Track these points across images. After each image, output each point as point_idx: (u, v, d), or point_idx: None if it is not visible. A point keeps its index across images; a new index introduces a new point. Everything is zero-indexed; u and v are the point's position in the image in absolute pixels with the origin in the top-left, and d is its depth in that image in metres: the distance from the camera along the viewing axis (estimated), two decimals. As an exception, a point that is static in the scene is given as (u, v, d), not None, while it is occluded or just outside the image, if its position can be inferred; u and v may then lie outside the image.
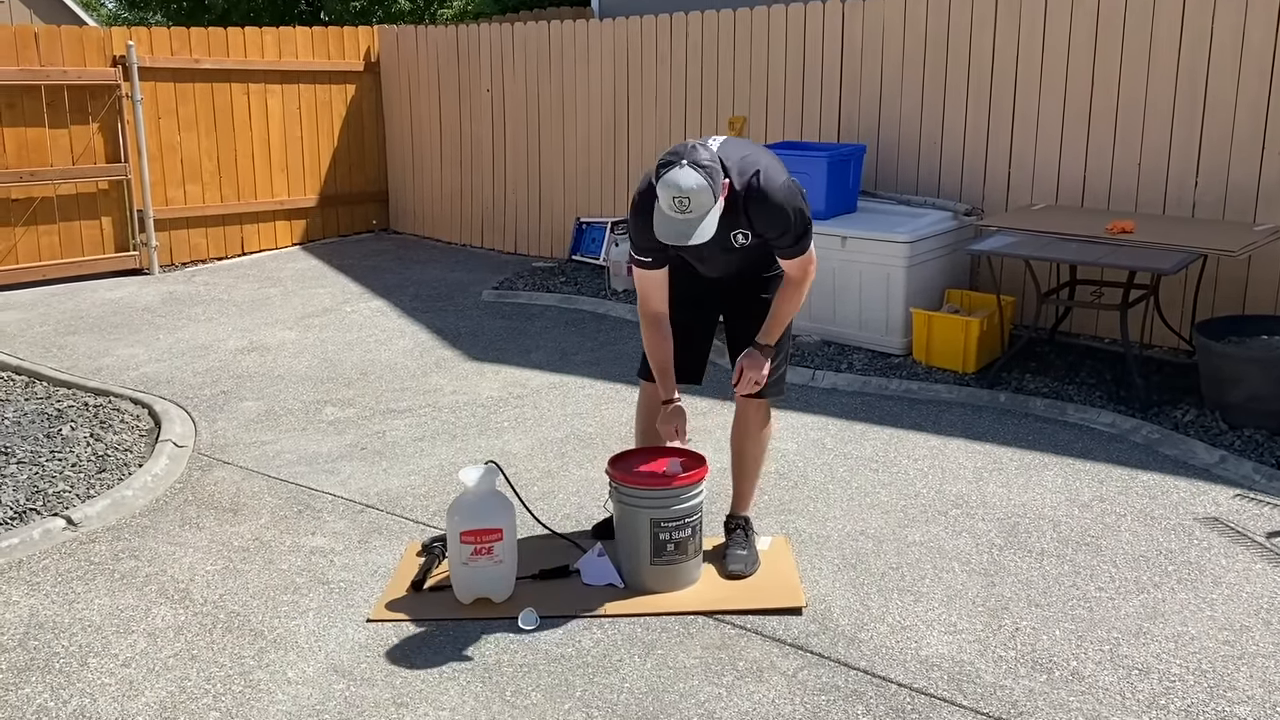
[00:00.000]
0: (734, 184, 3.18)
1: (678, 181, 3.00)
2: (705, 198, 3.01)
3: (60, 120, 7.91)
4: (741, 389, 3.45)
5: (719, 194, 3.07)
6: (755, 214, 3.23)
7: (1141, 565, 3.63)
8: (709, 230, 3.06)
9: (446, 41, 9.24)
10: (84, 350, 6.36)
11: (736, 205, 3.20)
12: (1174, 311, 5.74)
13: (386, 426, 5.08)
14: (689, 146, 3.09)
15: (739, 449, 3.70)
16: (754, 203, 3.21)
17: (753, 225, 3.27)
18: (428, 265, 8.71)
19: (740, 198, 3.20)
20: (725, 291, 3.60)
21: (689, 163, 3.02)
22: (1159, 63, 5.72)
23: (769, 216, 3.23)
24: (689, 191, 2.99)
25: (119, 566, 3.72)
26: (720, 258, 3.42)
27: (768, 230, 3.28)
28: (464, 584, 3.36)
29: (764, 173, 3.22)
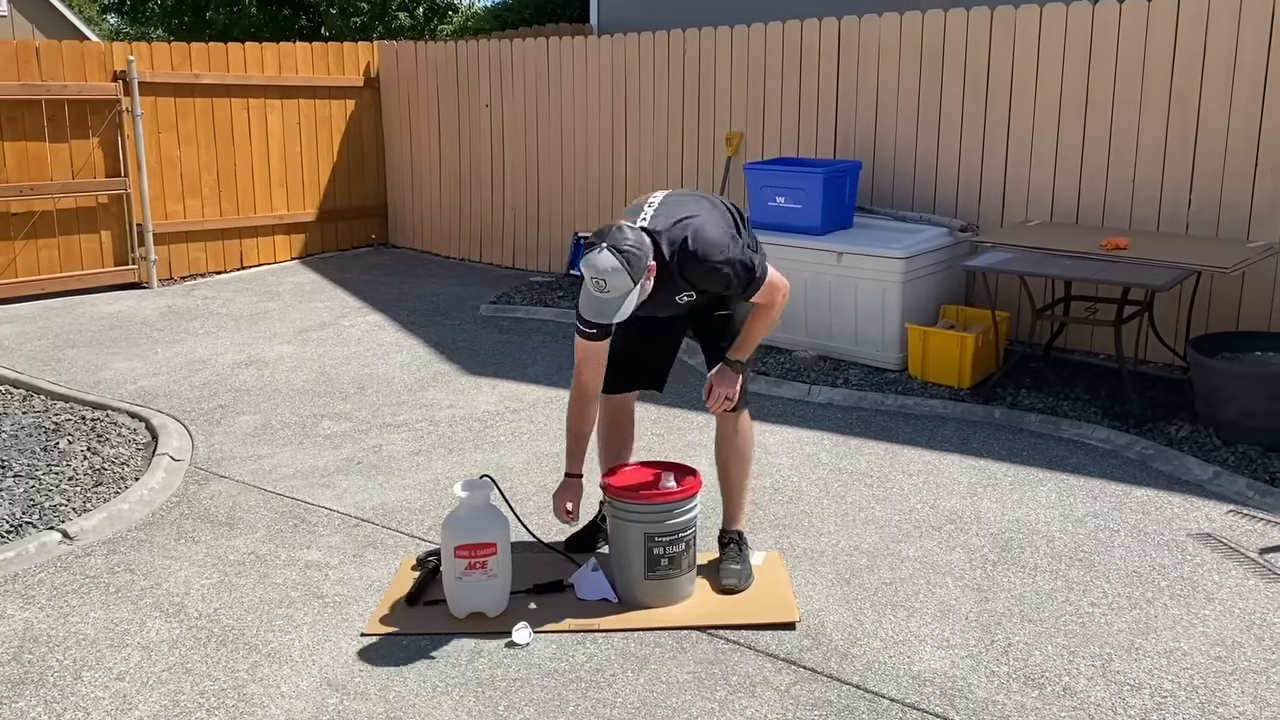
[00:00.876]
0: (665, 253, 3.25)
1: (595, 264, 3.12)
2: (621, 280, 3.11)
3: (61, 134, 7.94)
4: (714, 406, 3.47)
5: (639, 277, 3.15)
6: (693, 276, 3.30)
7: (1134, 581, 3.64)
8: (628, 309, 3.17)
9: (446, 58, 9.29)
10: (82, 364, 6.37)
11: (672, 273, 3.27)
12: (1168, 327, 5.76)
13: (383, 440, 5.10)
14: (614, 228, 3.17)
15: (721, 463, 3.71)
16: (689, 266, 3.27)
17: (694, 286, 3.35)
18: (426, 279, 8.73)
19: (674, 265, 3.27)
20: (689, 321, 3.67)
21: (609, 246, 3.12)
22: (1152, 80, 5.76)
23: (707, 277, 3.31)
24: (604, 274, 3.11)
25: (114, 580, 3.72)
26: (675, 311, 3.50)
27: (711, 288, 3.36)
28: (458, 598, 3.37)
29: (696, 234, 3.26)
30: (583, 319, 3.32)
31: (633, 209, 3.39)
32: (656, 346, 3.74)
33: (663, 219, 3.31)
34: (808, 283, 6.20)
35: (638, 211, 3.35)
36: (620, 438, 3.81)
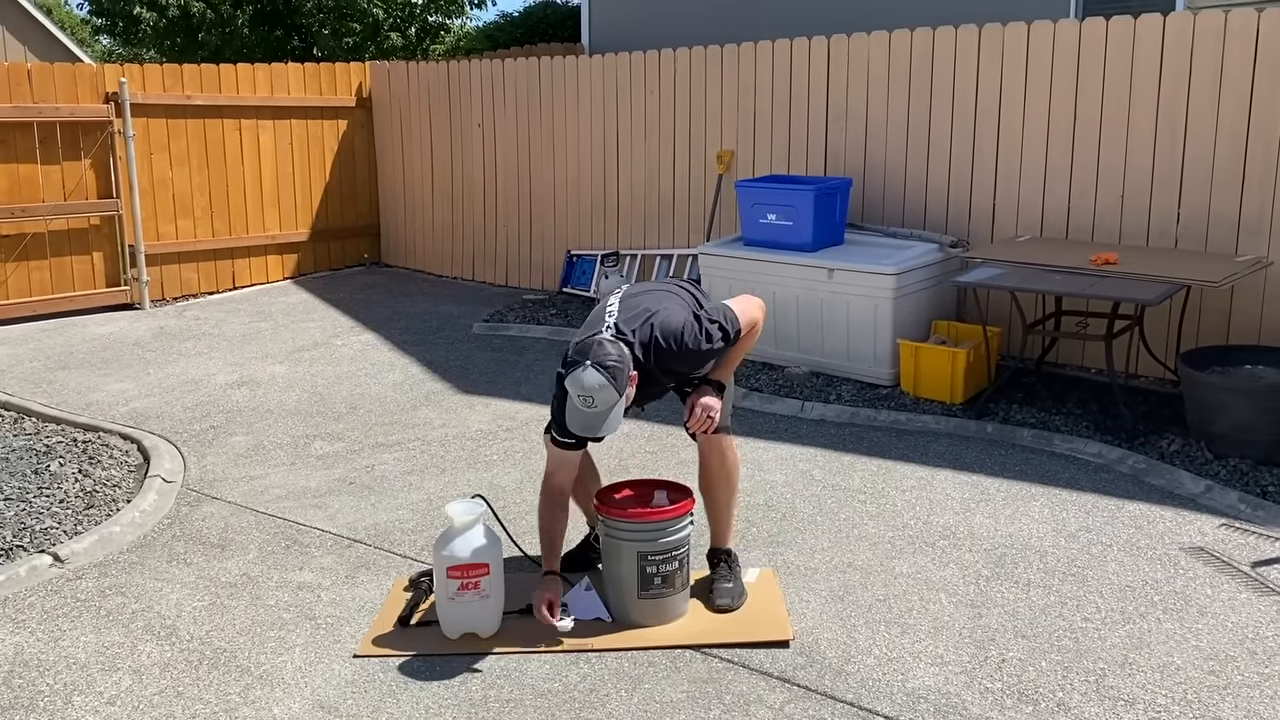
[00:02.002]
0: (640, 356, 3.32)
1: (582, 381, 3.17)
2: (609, 395, 3.18)
3: (52, 156, 7.95)
4: (694, 426, 3.47)
5: (624, 389, 3.22)
6: (672, 366, 3.41)
7: (1128, 596, 3.64)
8: (615, 423, 3.24)
9: (438, 77, 9.32)
10: (74, 385, 6.36)
11: (651, 371, 3.37)
12: (1158, 342, 5.78)
13: (375, 460, 5.09)
14: (595, 344, 3.23)
15: (709, 490, 3.66)
16: (665, 360, 3.37)
17: (675, 373, 3.46)
18: (418, 298, 8.74)
19: (652, 364, 3.36)
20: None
21: (594, 364, 3.18)
22: (1140, 96, 5.80)
23: (685, 361, 3.41)
24: (592, 392, 3.17)
25: (105, 603, 3.71)
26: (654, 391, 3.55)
27: (687, 369, 3.45)
28: (451, 619, 3.36)
29: (662, 328, 3.35)
30: (562, 430, 3.39)
31: (593, 320, 3.42)
32: None
33: (626, 320, 3.37)
34: (799, 299, 6.22)
35: (600, 321, 3.38)
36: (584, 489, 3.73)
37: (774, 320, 6.36)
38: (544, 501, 3.50)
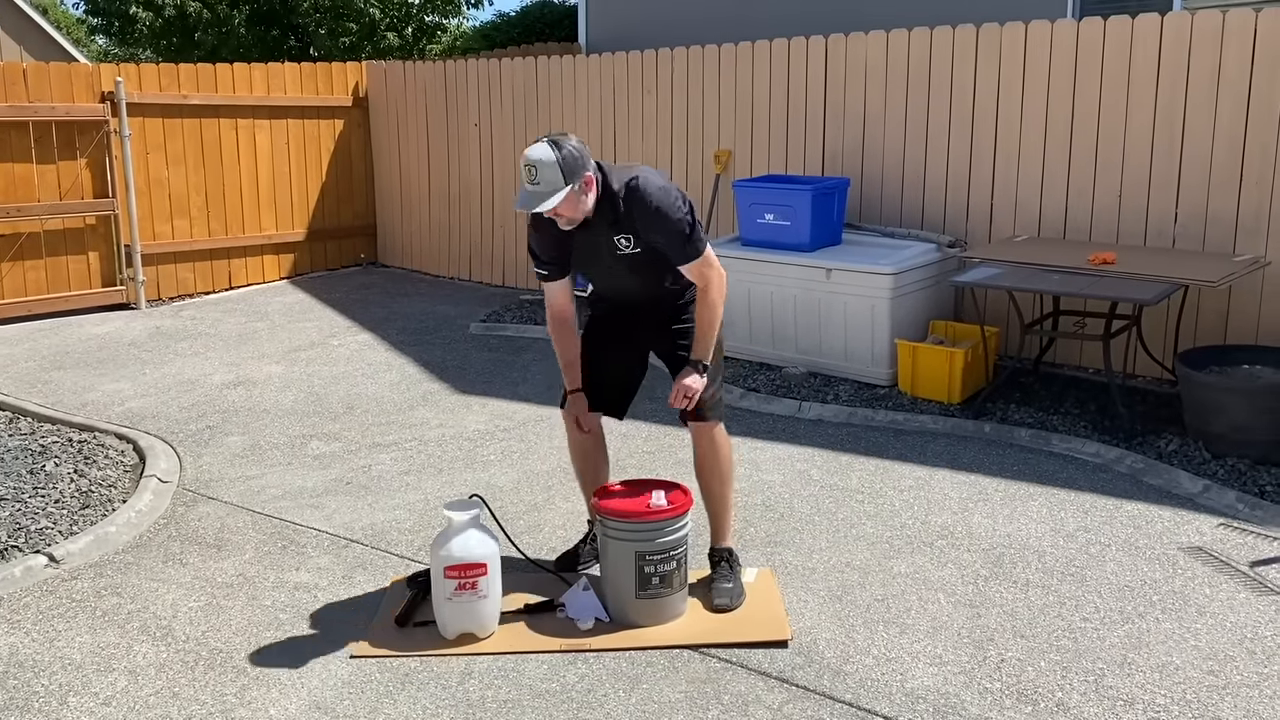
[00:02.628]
0: (613, 188, 3.36)
1: (529, 152, 3.25)
2: (553, 173, 3.21)
3: (48, 156, 7.93)
4: (675, 403, 3.45)
5: (574, 179, 3.24)
6: (636, 215, 3.37)
7: (1126, 595, 3.63)
8: (554, 204, 3.23)
9: (435, 77, 9.31)
10: (69, 385, 6.34)
11: (617, 208, 3.37)
12: (1156, 341, 5.78)
13: (372, 460, 5.07)
14: (560, 133, 3.35)
15: (704, 483, 3.69)
16: (634, 204, 3.35)
17: (635, 227, 3.40)
18: (415, 298, 8.72)
19: (620, 200, 3.37)
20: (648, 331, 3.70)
21: (548, 140, 3.27)
22: (1138, 96, 5.80)
23: (648, 217, 3.36)
24: (536, 162, 3.22)
25: (101, 604, 3.69)
26: (617, 270, 3.53)
27: (649, 231, 3.39)
28: (448, 619, 3.35)
29: (641, 177, 3.39)
30: (534, 258, 3.57)
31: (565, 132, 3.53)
32: (619, 366, 3.75)
33: (613, 168, 3.45)
34: (797, 299, 6.21)
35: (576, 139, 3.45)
36: (593, 464, 3.80)
37: (771, 320, 6.35)
38: (550, 331, 3.67)
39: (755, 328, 6.43)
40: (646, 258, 3.47)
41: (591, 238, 3.44)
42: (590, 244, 3.47)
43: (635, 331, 3.73)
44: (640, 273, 3.54)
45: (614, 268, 3.54)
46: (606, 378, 3.73)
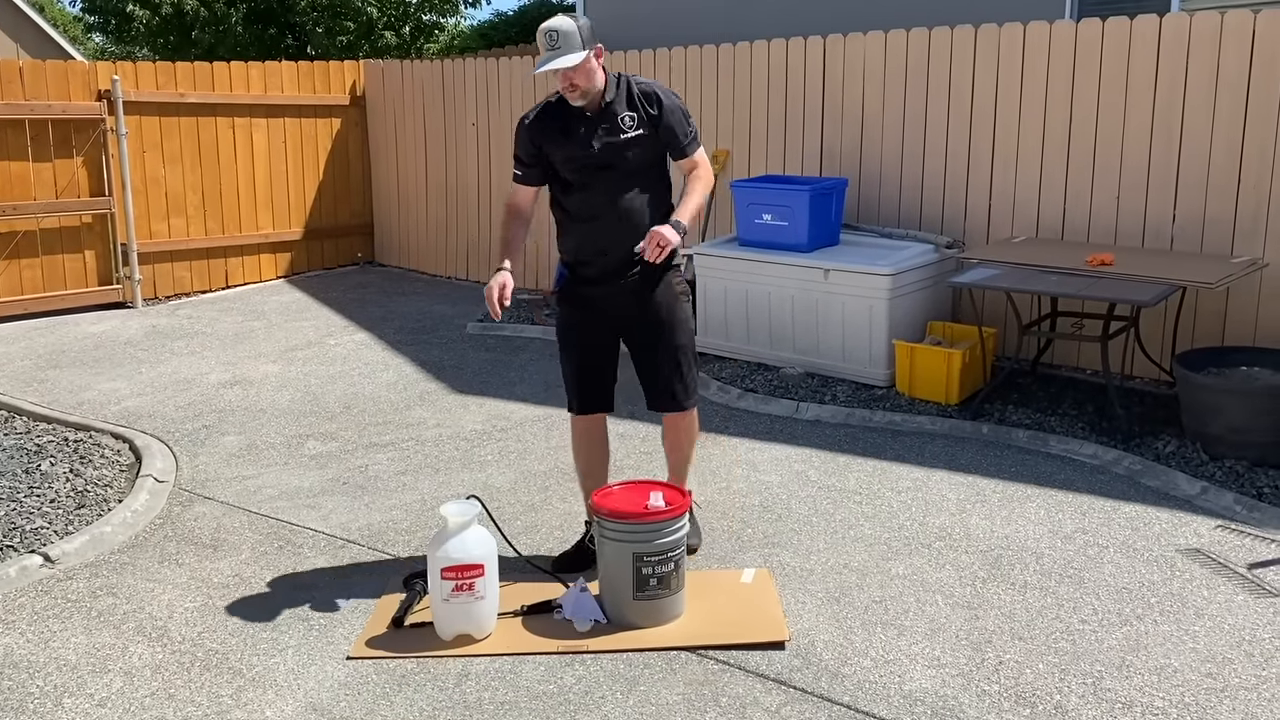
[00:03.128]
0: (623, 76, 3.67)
1: (549, 22, 3.50)
2: (572, 40, 3.45)
3: (44, 154, 7.91)
4: (647, 252, 3.46)
5: (588, 44, 3.48)
6: (648, 99, 3.63)
7: (1124, 597, 3.63)
8: (575, 60, 3.45)
9: (432, 76, 9.30)
10: (65, 384, 6.32)
11: (629, 90, 3.63)
12: (1154, 343, 5.78)
13: (369, 460, 5.06)
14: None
15: (675, 442, 3.90)
16: (646, 90, 3.64)
17: (645, 110, 3.61)
18: (412, 298, 8.71)
19: (632, 85, 3.65)
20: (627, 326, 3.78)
21: (561, 14, 3.55)
22: (1136, 97, 5.80)
23: (660, 102, 3.62)
24: (557, 28, 3.46)
25: (96, 604, 3.68)
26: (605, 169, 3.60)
27: (660, 114, 3.61)
28: (445, 620, 3.34)
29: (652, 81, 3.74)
30: (516, 161, 3.72)
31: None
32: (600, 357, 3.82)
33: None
34: (795, 299, 6.21)
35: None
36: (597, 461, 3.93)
37: (769, 320, 6.35)
38: (504, 221, 3.80)
39: (753, 328, 6.43)
40: (637, 149, 3.60)
41: (594, 123, 3.58)
42: (587, 132, 3.58)
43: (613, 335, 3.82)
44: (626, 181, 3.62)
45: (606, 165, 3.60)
46: (593, 375, 3.81)
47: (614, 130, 3.57)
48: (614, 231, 3.62)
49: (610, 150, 3.57)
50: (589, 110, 3.58)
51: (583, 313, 3.76)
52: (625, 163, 3.59)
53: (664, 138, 3.64)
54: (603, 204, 3.62)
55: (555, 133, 3.62)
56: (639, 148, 3.60)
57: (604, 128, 3.58)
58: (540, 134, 3.64)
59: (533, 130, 3.65)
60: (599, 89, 3.55)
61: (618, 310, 3.72)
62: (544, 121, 3.64)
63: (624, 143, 3.57)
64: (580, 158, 3.60)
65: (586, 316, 3.75)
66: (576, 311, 3.77)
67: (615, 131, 3.57)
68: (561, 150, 3.62)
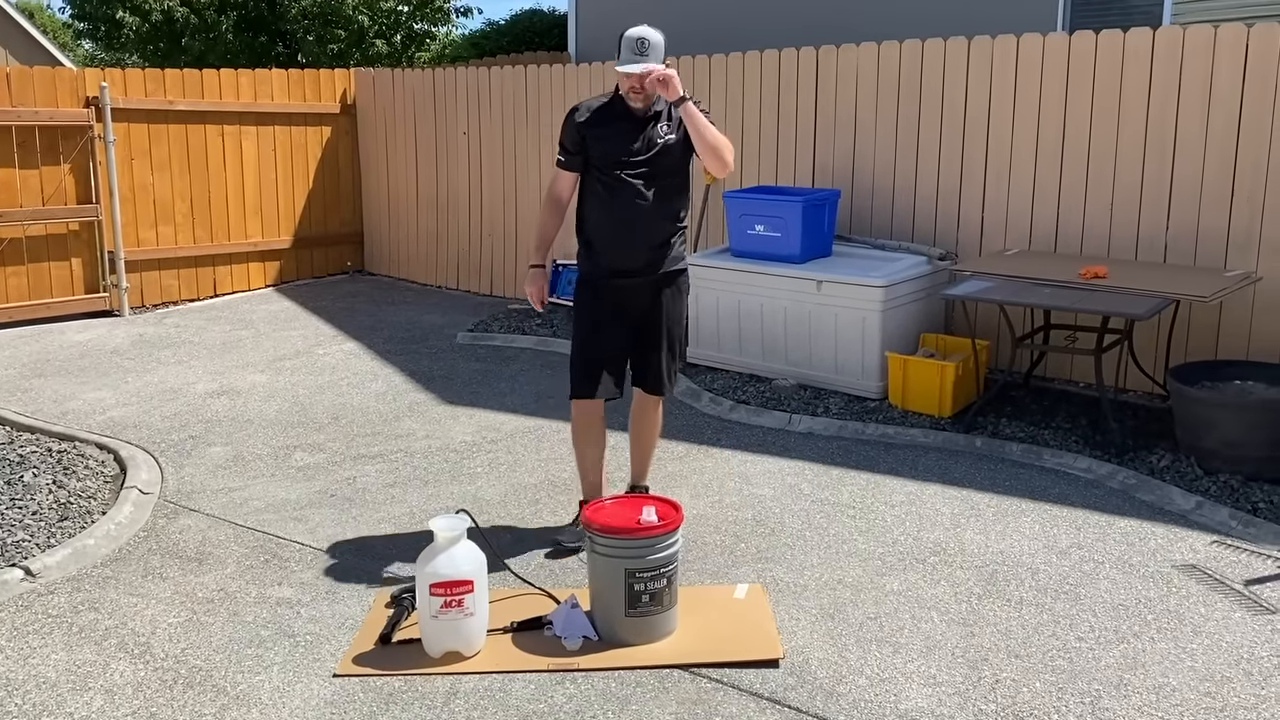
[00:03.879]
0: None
1: (641, 30, 3.84)
2: (659, 52, 3.86)
3: (31, 161, 7.84)
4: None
5: (663, 53, 3.87)
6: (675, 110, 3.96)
7: (1121, 614, 3.59)
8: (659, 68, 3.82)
9: (423, 85, 9.26)
10: (50, 394, 6.25)
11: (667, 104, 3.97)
12: (1147, 356, 5.76)
13: (357, 472, 5.00)
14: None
15: (642, 431, 4.24)
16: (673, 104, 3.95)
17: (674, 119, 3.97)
18: (403, 307, 8.65)
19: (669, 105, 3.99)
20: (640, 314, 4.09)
21: (648, 26, 3.88)
22: (1129, 109, 5.79)
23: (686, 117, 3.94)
24: (649, 37, 3.84)
25: (78, 619, 3.61)
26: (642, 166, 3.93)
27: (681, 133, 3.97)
28: (433, 637, 3.28)
29: None
30: (562, 148, 4.05)
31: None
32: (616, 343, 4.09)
33: None
34: (787, 311, 6.18)
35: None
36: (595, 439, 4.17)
37: (761, 332, 6.31)
38: (543, 212, 4.20)
39: (745, 339, 6.39)
40: (670, 156, 3.96)
41: (636, 128, 3.93)
42: (632, 134, 3.93)
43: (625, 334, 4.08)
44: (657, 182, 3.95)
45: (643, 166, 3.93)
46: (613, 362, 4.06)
47: (655, 135, 3.95)
48: (642, 227, 3.98)
49: (649, 153, 3.94)
50: (637, 115, 3.95)
51: (608, 300, 4.05)
52: (659, 166, 3.95)
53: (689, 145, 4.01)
54: (635, 200, 3.95)
55: (605, 130, 3.96)
56: (671, 154, 3.98)
57: (647, 132, 3.94)
58: (589, 129, 3.97)
59: (582, 125, 3.98)
60: (654, 98, 3.94)
61: (637, 300, 4.05)
62: (593, 119, 3.98)
63: (661, 147, 3.95)
64: (623, 155, 3.93)
65: (611, 304, 4.04)
66: (600, 300, 4.05)
67: (656, 136, 3.95)
68: (605, 145, 3.95)
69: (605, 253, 4.02)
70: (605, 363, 4.02)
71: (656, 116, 3.96)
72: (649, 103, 3.93)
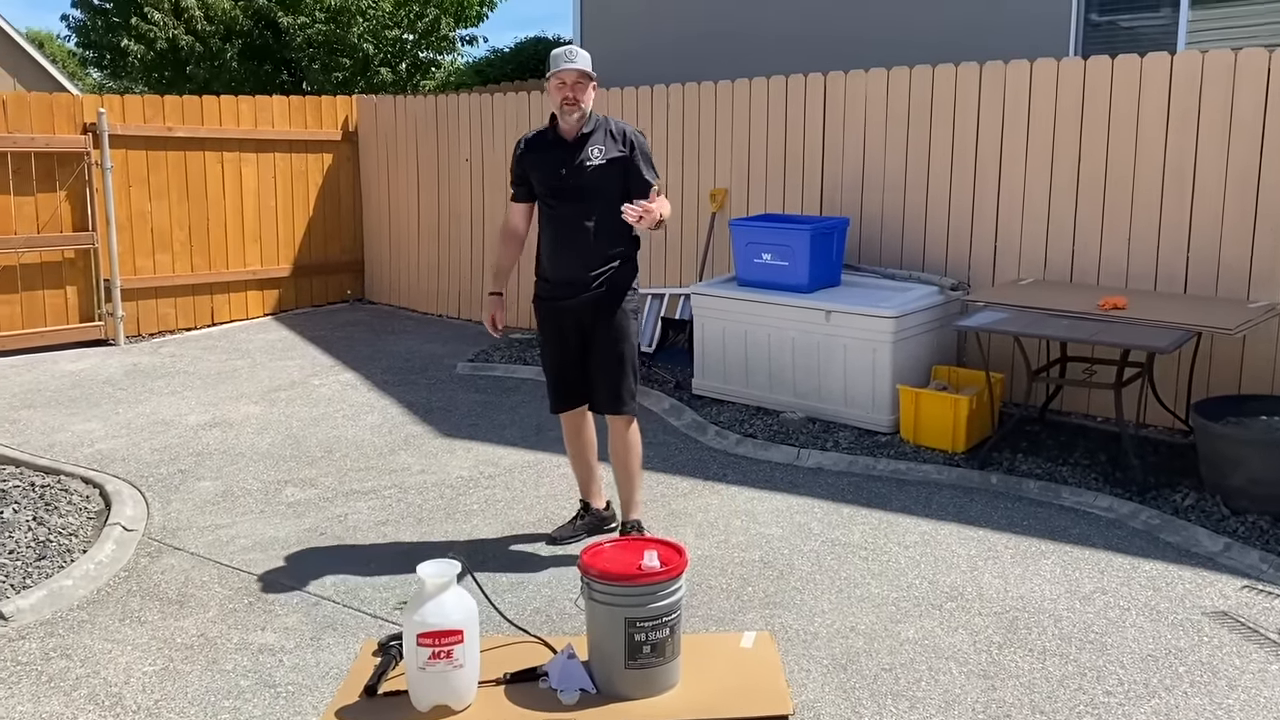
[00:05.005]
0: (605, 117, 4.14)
1: (573, 48, 4.02)
2: (586, 60, 4.00)
3: (26, 187, 7.72)
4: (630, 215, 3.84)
5: (592, 77, 4.00)
6: (617, 134, 4.10)
7: (1151, 666, 3.39)
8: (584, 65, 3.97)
9: (425, 111, 9.15)
10: (38, 425, 6.09)
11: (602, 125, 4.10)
12: (1168, 389, 5.57)
13: (349, 509, 4.82)
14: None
15: (621, 460, 4.24)
16: (616, 127, 4.14)
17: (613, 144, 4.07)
18: (402, 336, 8.50)
19: (605, 121, 4.14)
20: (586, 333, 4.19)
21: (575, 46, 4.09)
22: (1147, 136, 5.63)
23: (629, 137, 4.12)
24: (575, 48, 4.01)
25: (48, 667, 3.42)
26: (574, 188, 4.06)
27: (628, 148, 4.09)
28: (421, 690, 3.08)
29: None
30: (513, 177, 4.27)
31: None
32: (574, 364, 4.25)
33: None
34: (795, 342, 6.01)
35: None
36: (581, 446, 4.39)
37: (769, 363, 6.14)
38: (499, 244, 4.44)
39: (752, 371, 6.22)
40: (602, 178, 4.04)
41: (565, 153, 4.06)
42: (560, 159, 4.06)
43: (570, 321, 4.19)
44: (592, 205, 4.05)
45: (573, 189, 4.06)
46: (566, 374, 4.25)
47: (584, 158, 4.05)
48: (579, 249, 4.10)
49: (578, 176, 4.05)
50: (566, 138, 4.08)
51: (553, 320, 4.22)
52: (590, 188, 4.05)
53: (630, 173, 4.10)
54: (571, 224, 4.09)
55: (537, 157, 4.15)
56: (603, 176, 4.05)
57: (576, 155, 4.06)
58: (526, 157, 4.19)
59: (521, 156, 4.21)
60: (586, 115, 4.04)
61: (579, 318, 4.16)
62: (530, 146, 4.20)
63: (591, 170, 4.05)
64: (552, 181, 4.10)
65: (556, 323, 4.21)
66: (549, 319, 4.24)
67: (585, 159, 4.05)
68: (538, 173, 4.15)
69: (549, 274, 4.21)
70: (565, 377, 4.23)
71: (586, 137, 4.06)
72: (582, 118, 4.03)
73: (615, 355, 4.15)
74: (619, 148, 4.09)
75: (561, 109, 4.01)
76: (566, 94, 3.98)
